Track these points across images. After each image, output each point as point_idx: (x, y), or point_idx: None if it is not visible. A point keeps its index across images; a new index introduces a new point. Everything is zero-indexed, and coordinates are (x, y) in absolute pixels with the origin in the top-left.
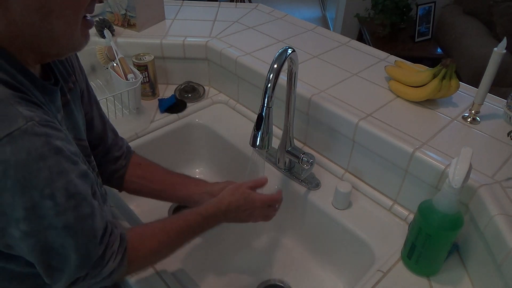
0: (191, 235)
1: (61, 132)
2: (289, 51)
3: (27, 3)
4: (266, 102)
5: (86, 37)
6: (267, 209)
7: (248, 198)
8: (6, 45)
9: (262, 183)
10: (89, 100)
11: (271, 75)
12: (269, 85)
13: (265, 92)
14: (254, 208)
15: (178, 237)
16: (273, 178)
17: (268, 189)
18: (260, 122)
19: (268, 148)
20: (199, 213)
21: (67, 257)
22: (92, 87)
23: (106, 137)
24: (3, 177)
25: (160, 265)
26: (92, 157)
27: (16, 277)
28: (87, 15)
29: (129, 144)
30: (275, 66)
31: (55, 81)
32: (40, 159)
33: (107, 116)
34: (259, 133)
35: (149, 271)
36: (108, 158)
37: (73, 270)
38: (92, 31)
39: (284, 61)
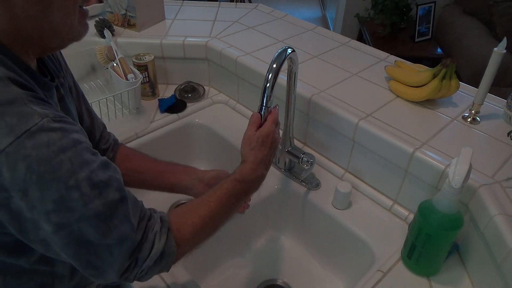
0: (233, 201)
1: (75, 126)
2: (289, 50)
3: None
4: (265, 101)
5: (85, 26)
6: (278, 130)
7: (265, 139)
8: (8, 41)
9: (258, 119)
10: (77, 96)
11: (270, 75)
12: (267, 84)
13: (264, 92)
14: (273, 141)
15: (221, 206)
16: (273, 178)
17: (268, 190)
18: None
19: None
20: (234, 179)
21: (105, 247)
22: (92, 87)
23: (94, 130)
24: (27, 171)
25: None
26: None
27: (25, 274)
28: (81, 6)
29: (129, 144)
30: (274, 65)
31: (51, 77)
32: (60, 152)
33: (107, 116)
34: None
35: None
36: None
37: (116, 259)
38: (92, 31)
39: (284, 60)
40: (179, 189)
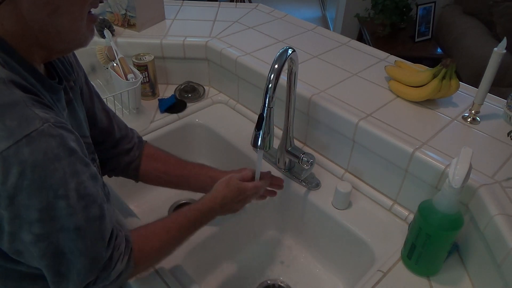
0: (191, 230)
1: (73, 134)
2: (290, 51)
3: (34, 0)
4: (267, 102)
5: (92, 31)
6: (258, 192)
7: (241, 188)
8: (15, 44)
9: (248, 177)
10: (90, 96)
11: (272, 76)
12: (270, 85)
13: (266, 92)
14: (246, 196)
15: (179, 234)
16: None
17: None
18: (261, 122)
19: (269, 148)
20: (198, 209)
21: (76, 261)
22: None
23: (113, 130)
24: (20, 177)
25: (160, 265)
26: (96, 154)
27: (27, 278)
28: (91, 10)
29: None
30: (276, 66)
31: (59, 80)
32: (55, 160)
33: None
34: (260, 133)
35: (149, 271)
36: (119, 151)
37: (83, 274)
38: None
39: (285, 61)
40: (201, 191)
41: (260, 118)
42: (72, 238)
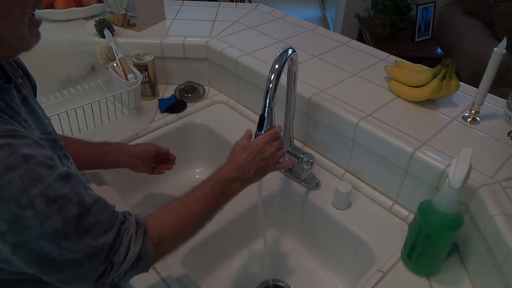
0: (212, 202)
1: (27, 139)
2: (290, 51)
3: None
4: (268, 102)
5: (36, 36)
6: (274, 144)
7: (248, 146)
8: None
9: (250, 133)
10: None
11: (273, 76)
12: (270, 85)
13: (267, 93)
14: (262, 151)
15: (198, 208)
16: (273, 178)
17: (268, 190)
18: (263, 123)
19: None
20: (213, 180)
21: (72, 262)
22: (92, 87)
23: None
24: None
25: (160, 265)
26: (66, 150)
27: (9, 285)
28: (34, 14)
29: (129, 144)
30: (276, 66)
31: (6, 78)
32: (8, 170)
33: (108, 116)
34: (262, 133)
35: (149, 271)
36: None
37: (88, 270)
38: (92, 31)
39: (285, 61)
40: (116, 166)
41: (262, 118)
42: (54, 242)
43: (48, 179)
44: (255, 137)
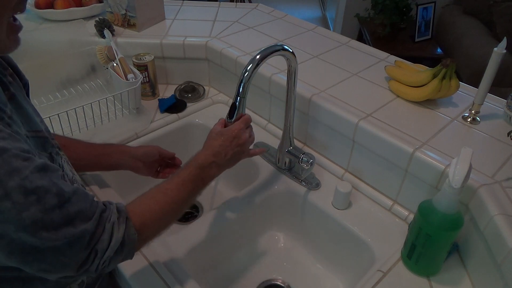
0: (191, 187)
1: (1, 132)
2: (277, 47)
3: None
4: (240, 91)
5: (15, 41)
6: (246, 131)
7: (224, 132)
8: None
9: (223, 122)
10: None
11: (250, 65)
12: (246, 74)
13: (241, 82)
14: (237, 137)
15: (178, 192)
16: (273, 178)
17: (268, 190)
18: (234, 111)
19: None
20: (191, 166)
21: (54, 250)
22: (92, 87)
23: None
24: None
25: (160, 265)
26: (61, 149)
27: None
28: (16, 18)
29: (129, 144)
30: (257, 57)
31: None
32: None
33: (108, 116)
34: (232, 121)
35: (149, 271)
36: None
37: (70, 257)
38: (92, 31)
39: (268, 55)
40: (116, 168)
41: (233, 106)
42: (34, 232)
43: (25, 171)
44: (225, 126)
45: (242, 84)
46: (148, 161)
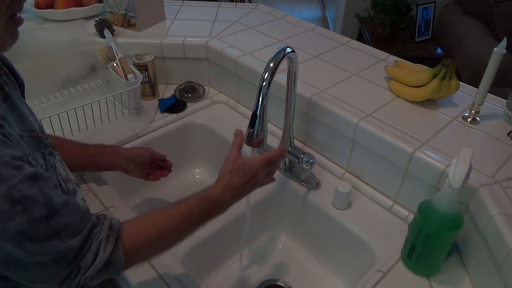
0: (196, 219)
1: None
2: (288, 50)
3: None
4: (261, 100)
5: (14, 36)
6: (267, 168)
7: (245, 168)
8: None
9: (241, 138)
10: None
11: (266, 74)
12: (264, 83)
13: (260, 91)
14: (255, 175)
15: (181, 223)
16: None
17: (268, 190)
18: (255, 120)
19: (263, 145)
20: (203, 198)
21: (36, 264)
22: (92, 87)
23: None
24: None
25: (160, 265)
26: (55, 148)
27: None
28: (16, 14)
29: (129, 144)
30: (271, 65)
31: None
32: None
33: (108, 116)
34: (254, 131)
35: (149, 271)
36: None
37: (53, 272)
38: (92, 31)
39: (281, 60)
40: (109, 168)
41: (254, 116)
42: (17, 243)
43: (13, 180)
44: (247, 137)
45: (261, 93)
46: (140, 163)
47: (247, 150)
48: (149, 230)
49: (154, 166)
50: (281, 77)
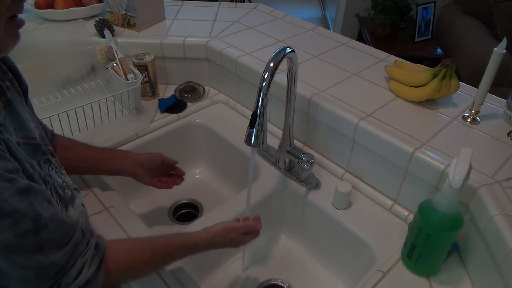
0: (180, 256)
1: None
2: (288, 50)
3: None
4: (260, 100)
5: (14, 37)
6: (247, 235)
7: (231, 231)
8: None
9: (256, 229)
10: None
11: (266, 74)
12: (264, 84)
13: (260, 91)
14: (237, 239)
15: (168, 256)
16: (273, 178)
17: (268, 190)
18: (255, 120)
19: (262, 145)
20: (194, 244)
21: (19, 276)
22: (92, 87)
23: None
24: None
25: None
26: (54, 155)
27: None
28: (16, 16)
29: (129, 144)
30: (271, 65)
31: None
32: None
33: (108, 116)
34: (254, 131)
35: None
36: None
37: (34, 285)
38: (92, 31)
39: (281, 60)
40: (117, 172)
41: (254, 116)
42: (5, 256)
43: (4, 193)
44: (247, 137)
45: (261, 93)
46: (150, 168)
47: (247, 150)
48: (136, 260)
49: (165, 174)
50: (281, 77)
